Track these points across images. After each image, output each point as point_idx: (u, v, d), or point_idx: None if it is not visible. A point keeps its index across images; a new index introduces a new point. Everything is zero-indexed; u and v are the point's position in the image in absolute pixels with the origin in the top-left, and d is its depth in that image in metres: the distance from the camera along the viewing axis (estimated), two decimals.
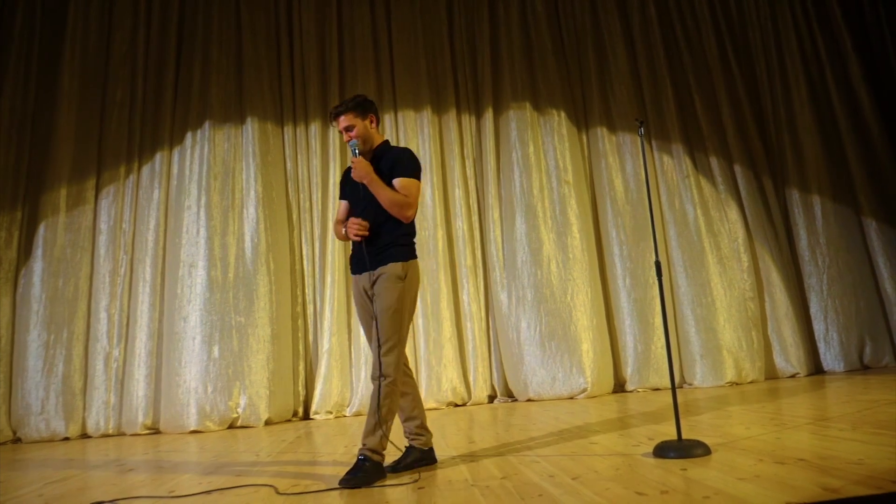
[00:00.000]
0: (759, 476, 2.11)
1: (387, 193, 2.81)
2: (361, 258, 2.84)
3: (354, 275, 2.93)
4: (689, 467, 2.35)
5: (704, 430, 3.23)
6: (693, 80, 6.49)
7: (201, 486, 2.78)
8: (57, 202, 5.64)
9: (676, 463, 2.45)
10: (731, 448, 2.65)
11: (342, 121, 2.92)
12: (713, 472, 2.23)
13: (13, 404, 5.32)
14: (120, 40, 6.06)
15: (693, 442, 2.61)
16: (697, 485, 2.08)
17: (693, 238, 6.04)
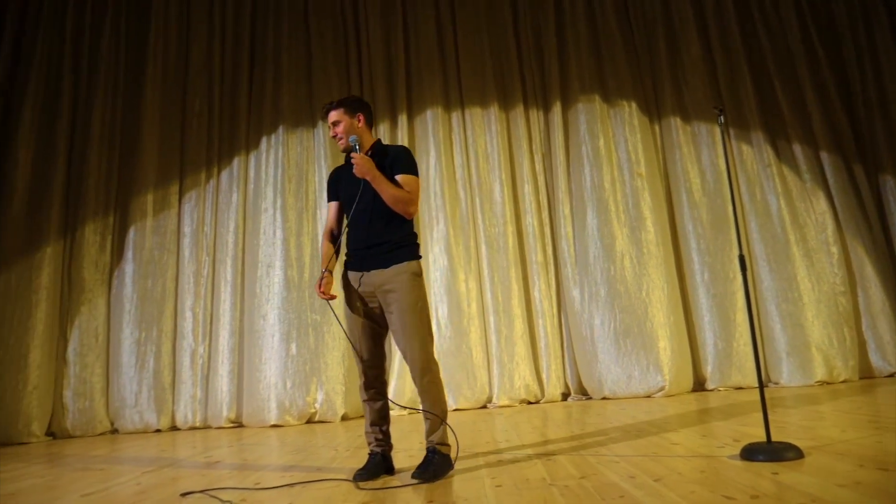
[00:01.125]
0: (860, 483, 1.99)
1: (391, 189, 2.80)
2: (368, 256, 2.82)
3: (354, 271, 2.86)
4: (781, 471, 2.25)
5: (794, 431, 3.08)
6: (772, 64, 6.18)
7: (284, 479, 2.87)
8: (144, 207, 5.95)
9: (766, 466, 2.35)
10: (825, 452, 2.51)
11: (331, 116, 2.92)
12: (808, 478, 2.12)
13: (110, 397, 5.66)
14: (197, 53, 6.33)
15: (784, 444, 2.50)
16: (791, 490, 1.99)
17: (777, 230, 5.77)
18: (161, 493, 2.73)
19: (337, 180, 3.02)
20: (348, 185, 2.91)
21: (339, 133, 2.90)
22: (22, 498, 2.85)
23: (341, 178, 2.99)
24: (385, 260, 2.81)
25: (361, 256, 2.84)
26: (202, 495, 2.62)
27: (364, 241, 2.83)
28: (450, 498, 2.30)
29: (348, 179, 2.91)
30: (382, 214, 2.83)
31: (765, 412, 2.60)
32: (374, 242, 2.82)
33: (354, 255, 2.88)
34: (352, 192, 2.87)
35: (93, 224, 5.93)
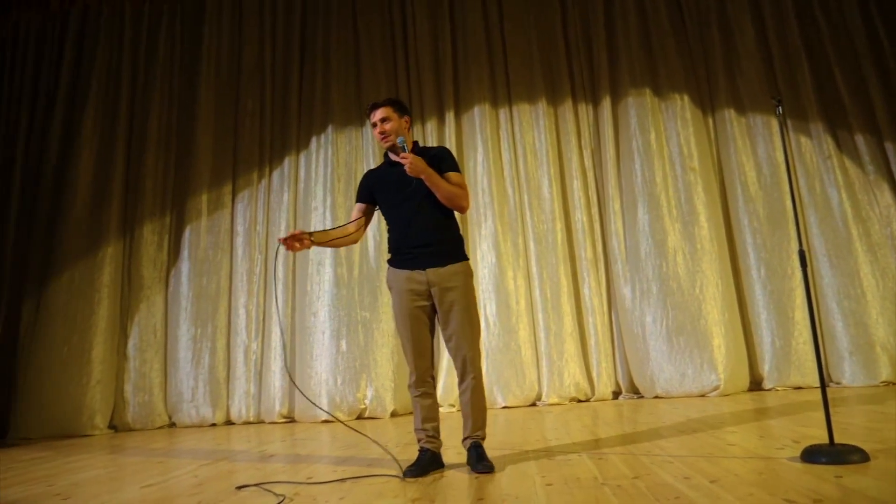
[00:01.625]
0: None
1: (447, 186, 2.83)
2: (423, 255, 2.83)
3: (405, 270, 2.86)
4: (845, 475, 2.16)
5: (859, 433, 2.96)
6: (832, 51, 5.93)
7: (335, 474, 2.92)
8: (199, 207, 6.12)
9: (829, 469, 2.26)
10: (892, 455, 2.41)
11: (378, 112, 2.95)
12: (874, 482, 2.03)
13: (168, 392, 5.84)
14: (249, 54, 6.46)
15: (848, 447, 2.40)
16: (857, 495, 1.91)
17: (838, 225, 5.54)
18: (217, 486, 2.81)
19: (373, 183, 3.03)
20: (393, 186, 2.93)
21: (387, 130, 2.92)
22: (86, 488, 2.97)
23: (380, 180, 3.01)
24: (441, 259, 2.84)
25: (414, 255, 2.85)
26: (257, 489, 2.68)
27: (418, 239, 2.84)
28: (500, 495, 2.29)
29: (393, 180, 2.93)
30: (435, 213, 2.86)
31: (827, 412, 2.51)
32: (429, 241, 2.84)
33: (406, 254, 2.88)
34: (399, 192, 2.89)
35: (150, 224, 6.13)
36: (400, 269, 2.89)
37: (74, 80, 6.40)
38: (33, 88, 6.52)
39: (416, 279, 2.84)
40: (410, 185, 2.85)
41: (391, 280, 2.94)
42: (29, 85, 6.52)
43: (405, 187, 2.87)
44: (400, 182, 2.89)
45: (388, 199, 2.97)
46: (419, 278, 2.84)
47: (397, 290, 2.90)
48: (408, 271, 2.86)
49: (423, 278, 2.83)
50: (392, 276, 2.93)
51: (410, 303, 2.85)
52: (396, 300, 2.91)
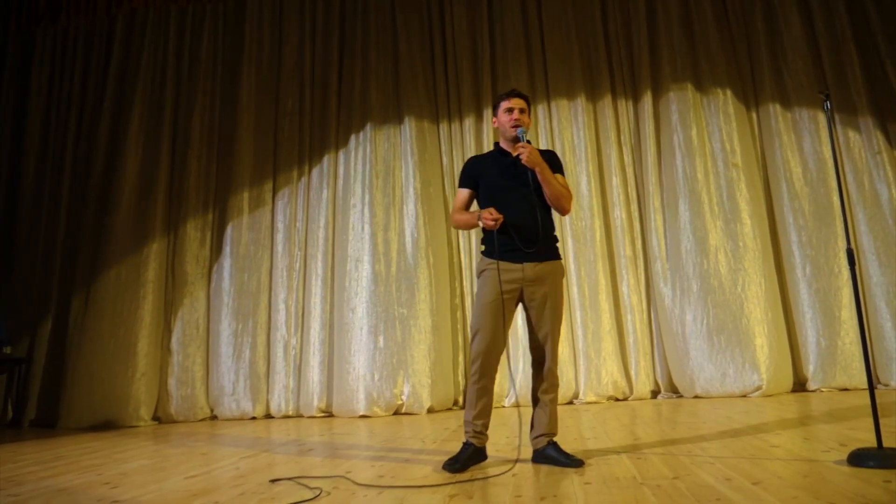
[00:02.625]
0: None
1: (556, 184, 2.86)
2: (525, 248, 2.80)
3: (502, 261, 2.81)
4: (894, 480, 2.10)
5: None
6: (883, 43, 5.74)
7: (373, 468, 2.95)
8: (241, 204, 6.24)
9: (877, 473, 2.20)
10: None
11: (520, 102, 2.96)
12: None
13: (210, 385, 5.98)
14: (289, 54, 6.56)
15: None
16: None
17: (887, 222, 5.37)
18: (258, 478, 2.87)
19: (480, 169, 3.01)
20: (505, 173, 2.92)
21: (521, 119, 2.94)
22: (133, 477, 3.06)
23: (489, 166, 2.99)
24: (541, 255, 2.85)
25: (514, 248, 2.82)
26: (293, 482, 2.73)
27: (520, 232, 2.82)
28: (539, 493, 2.29)
29: (505, 168, 2.93)
30: (541, 209, 2.87)
31: (875, 415, 2.44)
32: (531, 235, 2.82)
33: (505, 244, 2.83)
34: (511, 180, 2.90)
35: (193, 221, 6.28)
36: (496, 259, 2.83)
37: (121, 82, 6.59)
38: (82, 91, 6.74)
39: (511, 271, 2.81)
40: (523, 176, 2.85)
41: (484, 268, 2.89)
42: (78, 88, 6.74)
43: (519, 177, 2.87)
44: (513, 170, 2.89)
45: (496, 185, 2.93)
46: (515, 271, 2.82)
47: (490, 278, 2.84)
48: (504, 262, 2.82)
49: (519, 272, 2.82)
50: (486, 265, 2.88)
51: (500, 294, 2.80)
52: (486, 289, 2.85)
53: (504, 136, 3.01)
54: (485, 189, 2.96)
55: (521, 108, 2.94)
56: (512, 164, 2.91)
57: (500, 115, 2.99)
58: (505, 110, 2.95)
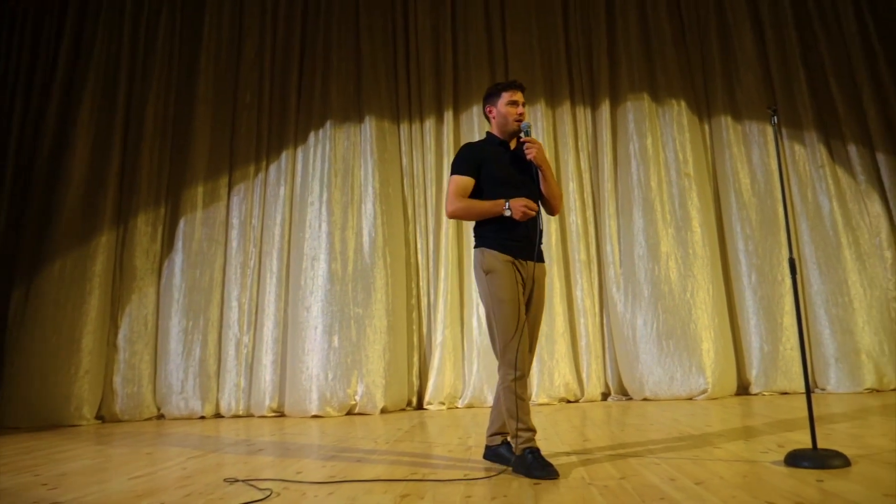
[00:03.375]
0: None
1: (555, 183, 2.86)
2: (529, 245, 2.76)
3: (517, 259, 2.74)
4: (826, 479, 2.20)
5: (841, 439, 3.00)
6: (828, 61, 6.00)
7: (325, 469, 2.93)
8: (195, 199, 6.11)
9: (811, 473, 2.30)
10: (873, 461, 2.45)
11: (522, 96, 2.90)
12: (854, 486, 2.07)
13: (158, 384, 5.83)
14: (249, 47, 6.45)
15: (830, 452, 2.44)
16: (836, 499, 1.94)
17: (828, 233, 5.60)
18: (206, 479, 2.82)
19: (483, 156, 2.85)
20: (513, 166, 2.85)
21: (524, 112, 2.89)
22: (74, 478, 2.97)
23: (492, 155, 2.86)
24: (539, 254, 2.83)
25: (523, 245, 2.76)
26: (243, 483, 2.69)
27: (528, 229, 2.77)
28: (489, 494, 2.32)
29: (510, 160, 2.86)
30: (539, 206, 2.85)
31: (811, 418, 2.55)
32: (535, 233, 2.78)
33: (512, 240, 2.75)
34: (520, 173, 2.84)
35: (145, 215, 6.12)
36: (505, 254, 2.74)
37: (72, 65, 6.35)
38: (28, 76, 6.48)
39: (519, 268, 2.75)
40: (529, 171, 2.81)
41: (494, 263, 2.73)
42: (25, 72, 6.48)
43: (526, 171, 2.82)
44: (520, 164, 2.84)
45: (504, 177, 2.82)
46: (522, 268, 2.76)
47: (506, 274, 2.71)
48: (513, 258, 2.74)
49: (527, 270, 2.77)
50: (494, 259, 2.74)
51: (518, 286, 2.73)
52: (506, 281, 2.70)
53: (502, 129, 2.90)
54: (491, 180, 2.82)
55: (523, 101, 2.89)
56: (515, 157, 2.86)
57: (501, 105, 2.88)
58: (509, 102, 2.86)
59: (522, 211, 2.68)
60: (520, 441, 2.63)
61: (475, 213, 2.80)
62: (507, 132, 2.90)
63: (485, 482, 2.50)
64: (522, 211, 2.68)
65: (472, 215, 2.82)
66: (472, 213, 2.81)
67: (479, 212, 2.78)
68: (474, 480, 2.53)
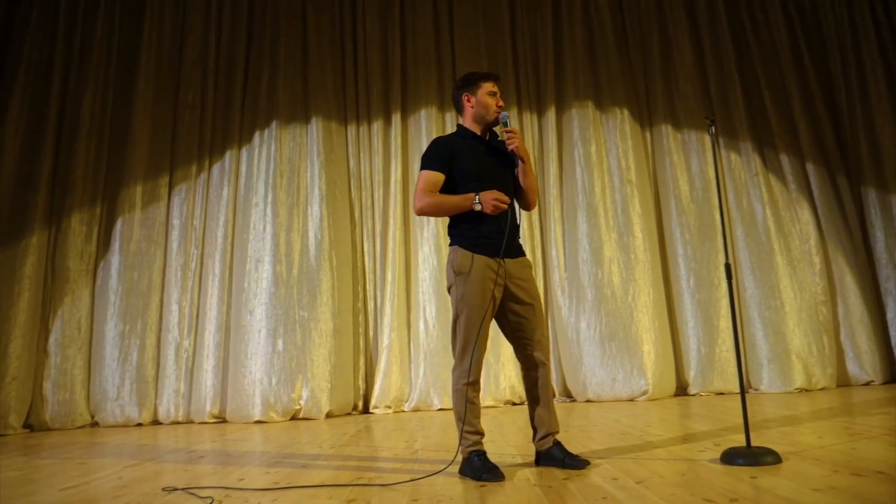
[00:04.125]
0: (834, 487, 2.04)
1: (534, 177, 2.81)
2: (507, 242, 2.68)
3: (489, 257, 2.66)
4: (759, 475, 2.29)
5: (773, 437, 3.13)
6: (763, 75, 6.27)
7: (268, 475, 2.88)
8: (133, 199, 5.91)
9: (745, 470, 2.39)
10: (802, 457, 2.56)
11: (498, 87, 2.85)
12: (785, 482, 2.16)
13: (91, 390, 5.61)
14: (192, 45, 6.29)
15: (763, 449, 2.54)
16: (768, 494, 2.03)
17: (762, 239, 5.84)
18: (142, 488, 2.73)
19: (455, 152, 2.75)
20: (491, 159, 2.77)
21: (501, 104, 2.82)
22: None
23: (464, 151, 2.75)
24: (516, 250, 2.77)
25: (494, 241, 2.67)
26: (182, 492, 2.61)
27: (503, 224, 2.69)
28: (435, 496, 2.32)
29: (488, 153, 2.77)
30: (516, 201, 2.80)
31: (745, 417, 2.65)
32: (513, 229, 2.72)
33: (485, 237, 2.68)
34: (498, 166, 2.76)
35: (79, 214, 5.88)
36: (476, 252, 2.65)
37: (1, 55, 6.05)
38: None
39: (492, 267, 2.65)
40: (507, 164, 2.75)
41: (465, 264, 2.64)
42: None
43: (503, 164, 2.75)
44: (496, 156, 2.76)
45: (480, 170, 2.72)
46: (495, 266, 2.65)
47: (477, 275, 2.63)
48: (485, 257, 2.65)
49: (502, 268, 2.67)
50: (465, 260, 2.65)
51: (490, 293, 2.63)
52: (476, 286, 2.62)
53: (479, 119, 2.82)
54: (463, 174, 2.73)
55: (500, 93, 2.84)
56: (490, 149, 2.79)
57: (481, 95, 2.79)
58: (490, 92, 2.79)
59: (493, 204, 2.61)
60: (467, 444, 2.63)
61: (444, 209, 2.71)
62: (484, 122, 2.82)
63: (431, 486, 2.49)
64: (493, 204, 2.61)
65: (441, 211, 2.73)
66: (441, 209, 2.72)
67: (449, 207, 2.70)
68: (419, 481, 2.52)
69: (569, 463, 2.65)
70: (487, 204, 2.62)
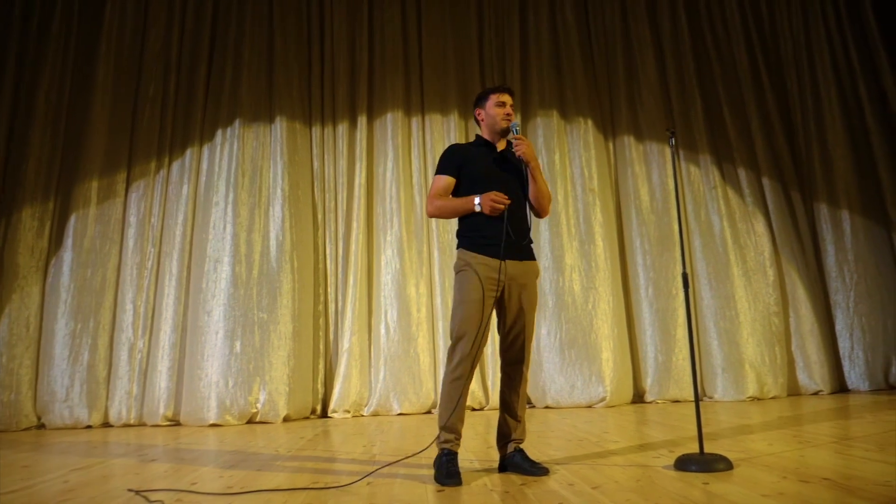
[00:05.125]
0: (782, 493, 2.09)
1: (544, 182, 2.85)
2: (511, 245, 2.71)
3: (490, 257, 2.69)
4: (711, 482, 2.34)
5: (726, 444, 3.20)
6: (722, 91, 6.43)
7: (222, 479, 2.82)
8: (88, 194, 5.74)
9: (698, 476, 2.44)
10: (753, 464, 2.62)
11: (510, 98, 2.91)
12: (735, 488, 2.21)
13: (39, 391, 5.42)
14: (154, 37, 6.15)
15: (715, 456, 2.59)
16: (719, 499, 2.07)
17: (718, 250, 5.98)
18: (90, 492, 2.65)
19: (465, 157, 2.87)
20: (497, 165, 2.83)
21: (511, 113, 2.88)
22: None
23: (476, 156, 2.86)
24: (524, 253, 2.79)
25: (496, 243, 2.70)
26: (133, 495, 2.54)
27: (514, 225, 2.74)
28: (392, 500, 2.30)
29: (495, 160, 2.85)
30: (524, 206, 2.82)
31: (699, 425, 2.70)
32: (520, 232, 2.76)
33: (490, 238, 2.71)
34: (502, 172, 2.82)
35: (31, 208, 5.68)
36: (478, 253, 2.72)
37: None
38: None
39: (493, 267, 2.69)
40: (515, 170, 2.81)
41: (467, 263, 2.72)
42: None
43: (511, 170, 2.82)
44: (505, 164, 2.84)
45: (485, 174, 2.80)
46: (496, 267, 2.69)
47: (475, 274, 2.69)
48: (486, 258, 2.70)
49: (504, 269, 2.70)
50: (468, 259, 2.73)
51: (486, 290, 2.68)
52: (473, 284, 2.68)
53: (491, 130, 2.90)
54: (470, 178, 2.82)
55: (511, 103, 2.90)
56: (501, 157, 2.86)
57: (489, 107, 2.89)
58: (497, 103, 2.88)
59: (490, 204, 2.66)
60: (441, 440, 2.68)
61: (448, 211, 2.82)
62: (495, 133, 2.90)
63: (388, 489, 2.48)
64: (490, 204, 2.66)
65: (446, 213, 2.84)
66: (445, 211, 2.83)
67: (452, 209, 2.81)
68: (376, 486, 2.50)
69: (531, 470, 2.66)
70: (486, 204, 2.68)
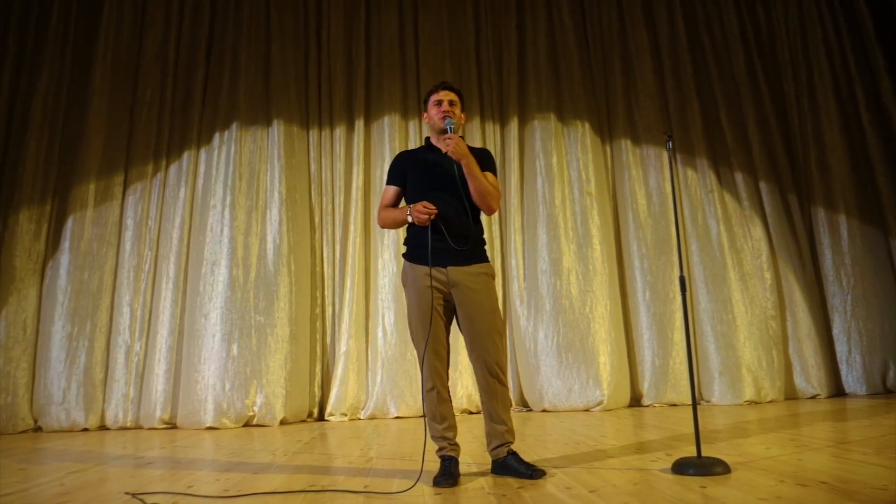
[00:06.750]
0: (780, 497, 2.09)
1: (482, 179, 2.72)
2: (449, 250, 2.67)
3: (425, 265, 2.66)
4: (709, 485, 2.33)
5: (723, 448, 3.20)
6: (719, 95, 6.44)
7: (219, 482, 2.81)
8: (85, 197, 5.74)
9: (695, 480, 2.44)
10: (750, 467, 2.62)
11: (449, 94, 2.82)
12: (733, 491, 2.21)
13: (35, 393, 5.41)
14: (152, 40, 6.15)
15: (712, 460, 2.59)
16: (717, 503, 2.07)
17: (715, 254, 5.99)
18: (86, 495, 2.64)
19: (408, 164, 2.84)
20: (431, 170, 2.77)
21: (454, 112, 2.79)
22: None
23: (416, 161, 2.82)
24: (467, 257, 2.71)
25: (437, 250, 2.67)
26: (130, 498, 2.54)
27: (453, 231, 2.68)
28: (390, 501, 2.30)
29: (432, 164, 2.78)
30: (467, 208, 2.72)
31: (696, 428, 2.70)
32: (458, 236, 2.69)
33: (426, 248, 2.66)
34: (436, 177, 2.75)
35: (28, 211, 5.68)
36: (419, 264, 2.70)
37: None
38: None
39: (435, 277, 2.66)
40: (450, 173, 2.71)
41: (408, 276, 2.74)
42: None
43: (444, 174, 2.73)
44: (438, 167, 2.76)
45: (421, 182, 2.77)
46: (439, 276, 2.67)
47: (415, 287, 2.70)
48: (423, 266, 2.67)
49: (444, 276, 2.68)
50: (409, 272, 2.73)
51: (429, 301, 2.65)
52: (414, 298, 2.71)
53: (434, 131, 2.86)
54: (412, 185, 2.80)
55: (450, 100, 2.80)
56: (442, 160, 2.77)
57: (429, 108, 2.84)
58: (434, 103, 2.82)
59: (416, 215, 2.65)
60: (437, 448, 2.77)
61: (391, 223, 2.82)
62: (437, 134, 2.85)
63: (386, 490, 2.47)
64: (416, 215, 2.65)
65: (389, 225, 2.84)
66: (388, 223, 2.84)
67: (393, 220, 2.81)
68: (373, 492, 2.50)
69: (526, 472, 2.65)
70: (414, 215, 2.66)
